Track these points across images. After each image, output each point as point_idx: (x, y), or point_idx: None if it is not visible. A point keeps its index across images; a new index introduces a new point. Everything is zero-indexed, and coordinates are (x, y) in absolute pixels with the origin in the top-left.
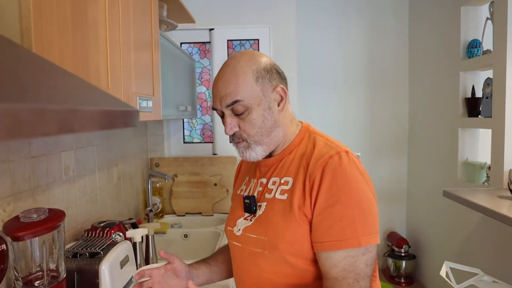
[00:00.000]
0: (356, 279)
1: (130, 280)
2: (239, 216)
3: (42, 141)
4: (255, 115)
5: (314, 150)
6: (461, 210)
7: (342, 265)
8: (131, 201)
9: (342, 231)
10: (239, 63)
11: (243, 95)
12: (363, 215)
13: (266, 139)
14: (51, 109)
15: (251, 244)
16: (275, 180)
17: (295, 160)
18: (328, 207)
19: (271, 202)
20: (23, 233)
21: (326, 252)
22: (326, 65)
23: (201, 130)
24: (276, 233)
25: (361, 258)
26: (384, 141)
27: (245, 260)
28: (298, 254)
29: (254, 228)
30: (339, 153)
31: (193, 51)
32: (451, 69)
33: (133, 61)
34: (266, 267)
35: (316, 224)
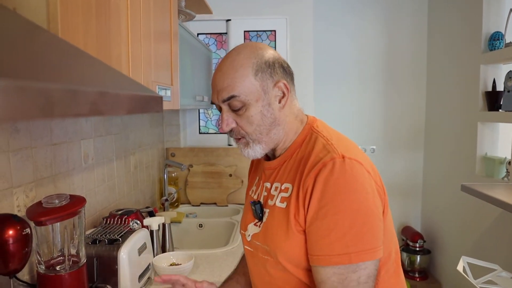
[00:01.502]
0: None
1: (148, 267)
2: (249, 220)
3: (62, 128)
4: (252, 111)
5: (312, 154)
6: (478, 205)
7: (331, 282)
8: (147, 190)
9: (330, 245)
10: (239, 55)
11: (240, 90)
12: (356, 228)
13: (265, 138)
14: (82, 90)
15: (260, 251)
16: (277, 186)
17: (295, 164)
18: (318, 219)
19: (272, 210)
20: (45, 218)
21: (315, 266)
22: (342, 58)
23: (216, 121)
24: (274, 243)
25: (352, 275)
26: (400, 135)
27: (256, 265)
28: (297, 265)
29: (260, 236)
30: (334, 160)
31: (209, 42)
32: (471, 62)
33: (153, 51)
34: (274, 273)
35: (307, 236)
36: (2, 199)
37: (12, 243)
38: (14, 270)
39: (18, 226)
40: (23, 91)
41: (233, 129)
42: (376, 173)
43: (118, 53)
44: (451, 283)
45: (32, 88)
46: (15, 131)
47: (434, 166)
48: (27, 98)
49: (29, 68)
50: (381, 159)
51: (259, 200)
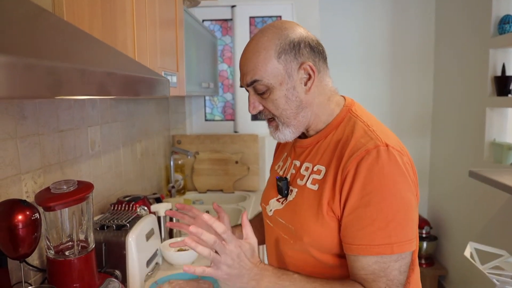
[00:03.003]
0: (388, 285)
1: (155, 253)
2: (272, 196)
3: (69, 115)
4: (277, 95)
5: (351, 139)
6: (486, 191)
7: (372, 269)
8: (154, 177)
9: (372, 235)
10: (263, 37)
11: (262, 74)
12: (399, 219)
13: (293, 121)
14: (90, 70)
15: (280, 229)
16: (308, 166)
17: (330, 147)
18: (360, 207)
19: (302, 190)
20: (54, 203)
21: (354, 255)
22: (348, 43)
23: (222, 108)
24: (302, 225)
25: (394, 264)
26: (407, 121)
27: (275, 241)
28: (322, 249)
29: (283, 214)
30: (378, 147)
31: (215, 28)
32: (480, 46)
33: (159, 36)
34: (290, 253)
35: (346, 224)
36: (11, 185)
37: (22, 228)
38: (24, 255)
39: (27, 211)
40: (31, 69)
41: (262, 111)
42: (413, 164)
43: (124, 38)
44: (458, 269)
45: (40, 66)
46: (23, 118)
47: (441, 152)
48: (36, 76)
49: (37, 47)
50: None
51: (285, 176)
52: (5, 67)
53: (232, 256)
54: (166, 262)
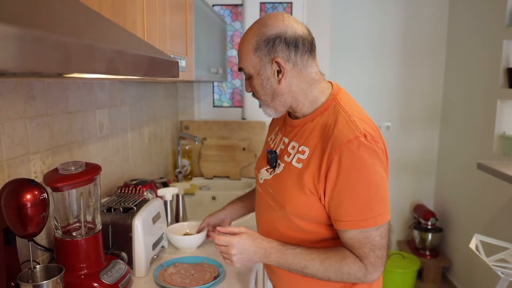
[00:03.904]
0: (371, 249)
1: (162, 236)
2: (263, 165)
3: (78, 97)
4: (255, 82)
5: (334, 129)
6: (493, 184)
7: (358, 238)
8: (161, 162)
9: (359, 212)
10: (249, 31)
11: (244, 63)
12: (378, 196)
13: (271, 104)
14: (100, 47)
15: (268, 196)
16: (294, 145)
17: (316, 131)
18: (346, 190)
19: (288, 166)
20: (62, 184)
21: (343, 230)
22: (359, 31)
23: (230, 94)
24: (285, 196)
25: (375, 232)
26: (416, 111)
27: (262, 207)
28: (302, 217)
29: (271, 184)
30: (358, 138)
31: (225, 13)
32: (494, 37)
33: (168, 20)
34: (276, 219)
35: (334, 205)
36: (19, 165)
37: (30, 207)
38: (32, 234)
39: (35, 191)
40: (40, 42)
41: (251, 92)
42: (386, 148)
43: (133, 21)
44: (462, 261)
45: (49, 40)
46: (31, 98)
47: (450, 144)
48: (44, 49)
49: (46, 22)
50: (395, 136)
51: (275, 150)
52: (14, 38)
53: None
54: (172, 246)
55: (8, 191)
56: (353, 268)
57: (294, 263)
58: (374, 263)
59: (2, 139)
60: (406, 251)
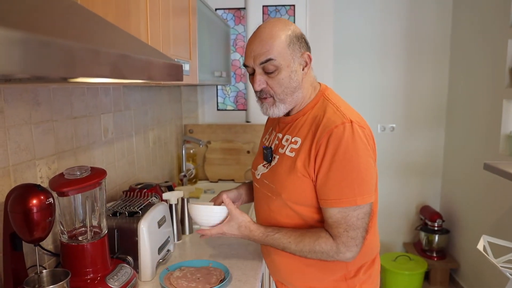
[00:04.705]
0: (346, 229)
1: (167, 240)
2: (260, 162)
3: (82, 102)
4: (283, 75)
5: (323, 118)
6: (500, 184)
7: (336, 217)
8: (166, 166)
9: (340, 191)
10: (275, 27)
11: (276, 55)
12: (361, 178)
13: (289, 98)
14: (104, 51)
15: (265, 188)
16: (288, 138)
17: (307, 123)
18: (331, 171)
19: (282, 157)
20: (67, 188)
21: (325, 208)
22: (363, 32)
23: (234, 98)
24: (280, 183)
25: (353, 213)
26: (421, 112)
27: (260, 200)
28: (297, 202)
29: (268, 176)
30: (344, 124)
31: (227, 17)
32: (498, 36)
33: (172, 24)
34: (273, 208)
35: (320, 185)
36: (25, 170)
37: (36, 212)
38: (39, 238)
39: (41, 196)
40: (45, 46)
41: (263, 89)
42: (373, 135)
43: (137, 25)
44: (470, 263)
45: (54, 44)
46: (37, 104)
47: (456, 144)
48: (49, 53)
49: (51, 27)
50: (400, 138)
51: (270, 146)
52: (20, 43)
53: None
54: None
55: (14, 196)
56: (325, 247)
57: (274, 245)
58: (346, 242)
59: (8, 145)
60: (413, 253)
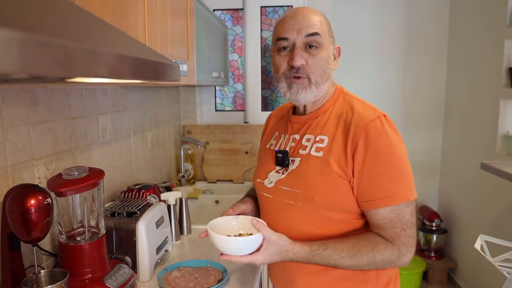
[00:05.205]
0: (403, 228)
1: (166, 240)
2: (270, 169)
3: (80, 103)
4: (324, 54)
5: (354, 114)
6: (498, 184)
7: (390, 217)
8: (164, 166)
9: (390, 188)
10: (316, 10)
11: (321, 32)
12: (406, 171)
13: (322, 85)
14: (101, 51)
15: (284, 196)
16: (309, 137)
17: (331, 120)
18: (375, 167)
19: (306, 158)
20: (65, 189)
21: (374, 209)
22: (361, 32)
23: (233, 98)
24: (310, 186)
25: (406, 209)
26: (419, 112)
27: (276, 211)
28: (331, 206)
29: (287, 181)
30: (379, 117)
31: (225, 18)
32: (495, 37)
33: (169, 25)
34: (297, 217)
35: (364, 185)
36: (23, 171)
37: (34, 212)
38: (37, 239)
39: (39, 196)
40: (43, 46)
41: (302, 67)
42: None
43: (135, 26)
44: (467, 262)
45: (52, 44)
46: (35, 104)
47: (453, 144)
48: (47, 53)
49: (48, 27)
50: None
51: (285, 149)
52: (18, 42)
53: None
54: (177, 248)
55: (12, 197)
56: (386, 253)
57: (322, 263)
58: (406, 242)
59: (6, 145)
60: None
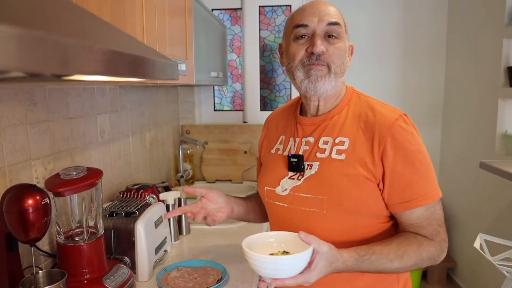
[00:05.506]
0: (439, 225)
1: (164, 240)
2: (282, 175)
3: (78, 103)
4: (343, 45)
5: (375, 114)
6: (497, 183)
7: (425, 216)
8: (163, 166)
9: (423, 187)
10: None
11: (342, 23)
12: (431, 168)
13: (339, 78)
14: (99, 48)
15: (303, 204)
16: (327, 140)
17: (349, 121)
18: (406, 167)
19: (327, 161)
20: (63, 189)
21: (407, 211)
22: (358, 33)
23: (231, 98)
24: (338, 192)
25: (437, 206)
26: (417, 111)
27: (294, 220)
28: (361, 211)
29: (307, 188)
30: (402, 116)
31: (224, 17)
32: (493, 36)
33: (168, 25)
34: (321, 225)
35: (399, 186)
36: (21, 171)
37: (32, 212)
38: (35, 239)
39: (37, 196)
40: (40, 42)
41: (322, 53)
42: None
43: (133, 25)
44: (467, 262)
45: (48, 40)
46: (32, 104)
47: (452, 144)
48: (44, 49)
49: (45, 23)
50: None
51: (298, 153)
52: (15, 38)
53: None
54: (176, 248)
55: (10, 197)
56: (431, 251)
57: (370, 270)
58: (445, 238)
59: (4, 145)
60: None
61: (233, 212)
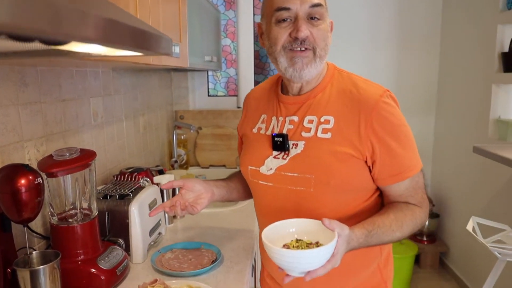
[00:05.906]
0: (423, 192)
1: (159, 223)
2: (266, 155)
3: (71, 84)
4: (325, 26)
5: (359, 90)
6: (489, 168)
7: (412, 186)
8: (157, 151)
9: (408, 159)
10: None
11: (323, 3)
12: (414, 141)
13: (324, 59)
14: (91, 13)
15: (289, 183)
16: (311, 119)
17: (333, 98)
18: (392, 142)
19: (313, 140)
20: (56, 169)
21: (395, 184)
22: (353, 20)
23: (225, 83)
24: (325, 170)
25: (420, 174)
26: (411, 97)
27: (281, 199)
28: (348, 188)
29: (292, 167)
30: (385, 93)
31: (218, 2)
32: (488, 22)
33: (161, 8)
34: (308, 204)
35: (385, 160)
36: (13, 152)
37: (25, 192)
38: (28, 219)
39: (30, 176)
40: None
41: (307, 38)
42: None
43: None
44: (459, 246)
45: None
46: (24, 85)
47: (446, 129)
48: (35, 6)
49: None
50: None
51: (282, 133)
52: None
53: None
54: (171, 231)
55: (2, 176)
56: (422, 216)
57: (377, 243)
58: (428, 203)
59: None
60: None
61: (214, 195)
